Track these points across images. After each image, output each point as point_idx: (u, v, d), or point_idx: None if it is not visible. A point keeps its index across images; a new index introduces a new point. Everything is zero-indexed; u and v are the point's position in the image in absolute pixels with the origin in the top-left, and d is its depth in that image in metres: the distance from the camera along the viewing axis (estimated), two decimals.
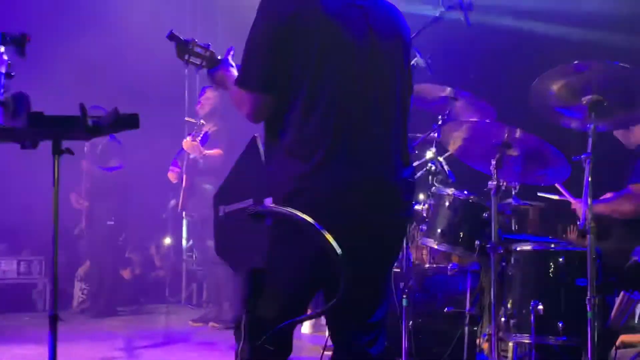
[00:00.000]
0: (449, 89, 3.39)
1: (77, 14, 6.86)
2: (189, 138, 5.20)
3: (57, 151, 1.75)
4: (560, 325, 2.96)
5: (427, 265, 3.70)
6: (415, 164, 3.62)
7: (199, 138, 5.18)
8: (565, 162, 3.02)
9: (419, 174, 3.73)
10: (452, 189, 3.28)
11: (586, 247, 3.13)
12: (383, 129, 2.01)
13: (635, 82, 2.79)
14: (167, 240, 7.40)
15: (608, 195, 3.53)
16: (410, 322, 3.26)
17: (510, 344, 3.23)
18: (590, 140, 2.75)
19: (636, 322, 4.18)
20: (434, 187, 3.36)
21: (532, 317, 2.95)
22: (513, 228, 3.67)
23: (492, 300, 2.95)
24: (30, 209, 6.22)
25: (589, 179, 2.72)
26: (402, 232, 2.22)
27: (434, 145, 3.58)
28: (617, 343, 3.83)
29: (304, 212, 1.86)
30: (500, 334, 3.14)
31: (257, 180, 1.30)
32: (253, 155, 1.31)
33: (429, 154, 3.52)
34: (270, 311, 1.90)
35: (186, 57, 2.21)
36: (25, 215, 6.33)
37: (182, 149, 5.36)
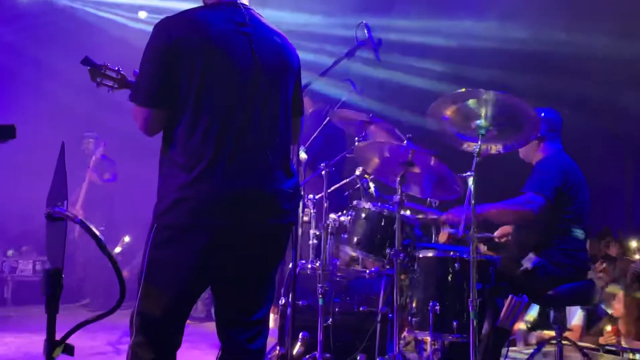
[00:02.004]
0: (365, 114, 3.61)
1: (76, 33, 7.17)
2: None
3: None
4: (454, 323, 3.15)
5: (352, 269, 3.91)
6: (344, 181, 3.87)
7: None
8: (456, 178, 3.20)
9: (347, 192, 3.99)
10: (369, 203, 3.48)
11: (488, 254, 3.34)
12: (264, 145, 2.08)
13: (516, 110, 2.99)
14: None
15: None
16: (330, 320, 3.47)
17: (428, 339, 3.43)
18: (475, 160, 2.96)
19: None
20: (355, 201, 3.56)
21: (430, 316, 3.15)
22: (434, 238, 3.86)
23: (395, 300, 3.15)
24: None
25: (471, 194, 2.93)
26: (281, 237, 2.19)
27: None
28: (535, 340, 3.99)
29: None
30: (405, 330, 3.35)
31: (60, 185, 1.49)
32: (60, 161, 1.50)
33: (357, 172, 3.72)
34: (158, 308, 2.03)
35: (98, 79, 2.27)
36: (42, 220, 6.75)
37: None
